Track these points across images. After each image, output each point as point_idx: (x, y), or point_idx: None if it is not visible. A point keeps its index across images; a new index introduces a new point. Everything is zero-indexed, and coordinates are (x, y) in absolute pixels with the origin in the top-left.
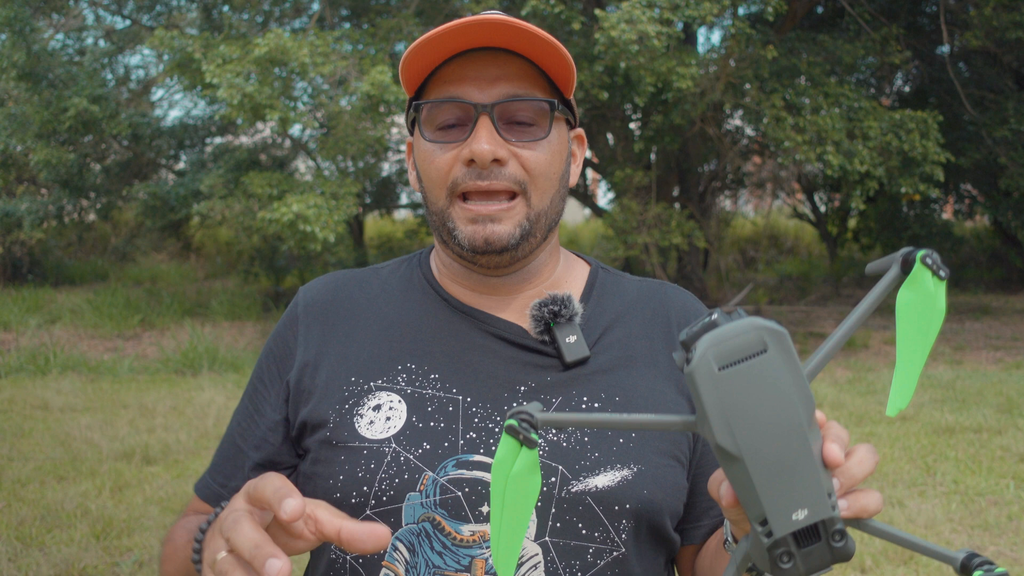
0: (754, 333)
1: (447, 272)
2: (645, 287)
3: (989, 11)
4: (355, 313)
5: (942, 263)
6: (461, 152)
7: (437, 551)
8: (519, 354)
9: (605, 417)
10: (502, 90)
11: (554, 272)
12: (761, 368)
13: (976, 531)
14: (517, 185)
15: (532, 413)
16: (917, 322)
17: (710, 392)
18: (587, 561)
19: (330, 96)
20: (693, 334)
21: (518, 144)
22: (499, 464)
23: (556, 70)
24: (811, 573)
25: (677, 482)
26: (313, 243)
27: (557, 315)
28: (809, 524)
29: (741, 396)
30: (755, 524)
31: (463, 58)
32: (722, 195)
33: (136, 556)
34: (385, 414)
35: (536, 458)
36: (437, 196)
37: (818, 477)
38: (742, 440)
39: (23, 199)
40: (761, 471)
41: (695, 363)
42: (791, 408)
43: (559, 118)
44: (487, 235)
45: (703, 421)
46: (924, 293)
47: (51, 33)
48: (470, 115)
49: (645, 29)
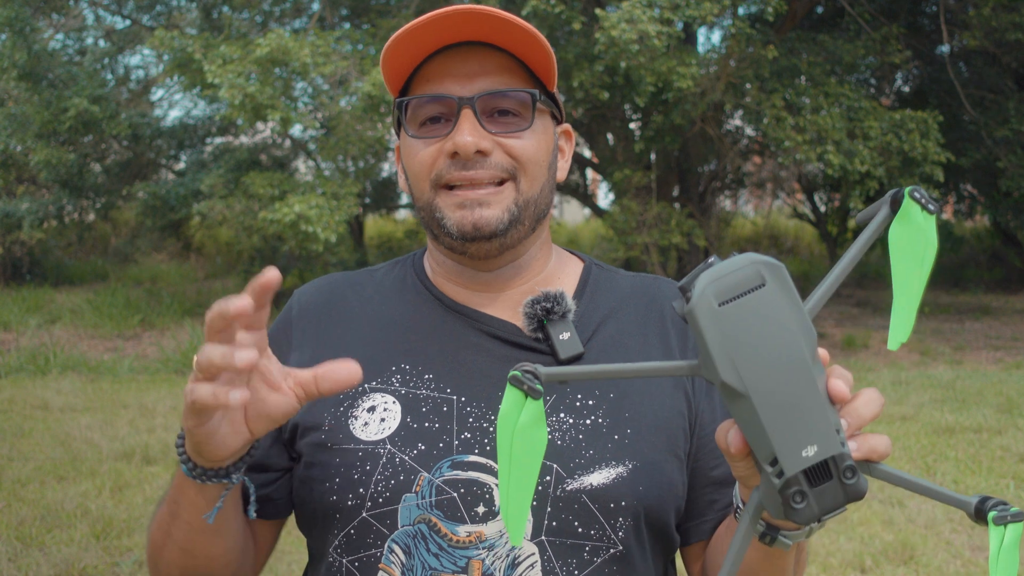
0: (751, 267)
1: (440, 271)
2: (639, 282)
3: (988, 11)
4: (349, 315)
5: (931, 198)
6: (444, 145)
7: (433, 553)
8: (513, 352)
9: (609, 368)
10: (483, 84)
11: (546, 267)
12: (761, 301)
13: (976, 531)
14: (505, 172)
15: (535, 367)
16: (910, 255)
17: (711, 328)
18: (584, 559)
19: (330, 96)
20: (691, 277)
21: (502, 135)
22: (504, 416)
23: (537, 62)
24: (825, 513)
25: (674, 478)
26: (315, 243)
27: (550, 312)
28: (820, 460)
29: (743, 330)
30: (765, 465)
31: (444, 55)
32: (722, 195)
33: (136, 556)
34: (380, 415)
35: (541, 409)
36: (422, 190)
37: (826, 412)
38: (747, 375)
39: (23, 199)
40: (768, 406)
41: (694, 300)
42: (794, 341)
43: (543, 111)
44: (475, 219)
45: (706, 360)
46: (915, 226)
47: (51, 33)
48: (453, 109)
49: (645, 29)
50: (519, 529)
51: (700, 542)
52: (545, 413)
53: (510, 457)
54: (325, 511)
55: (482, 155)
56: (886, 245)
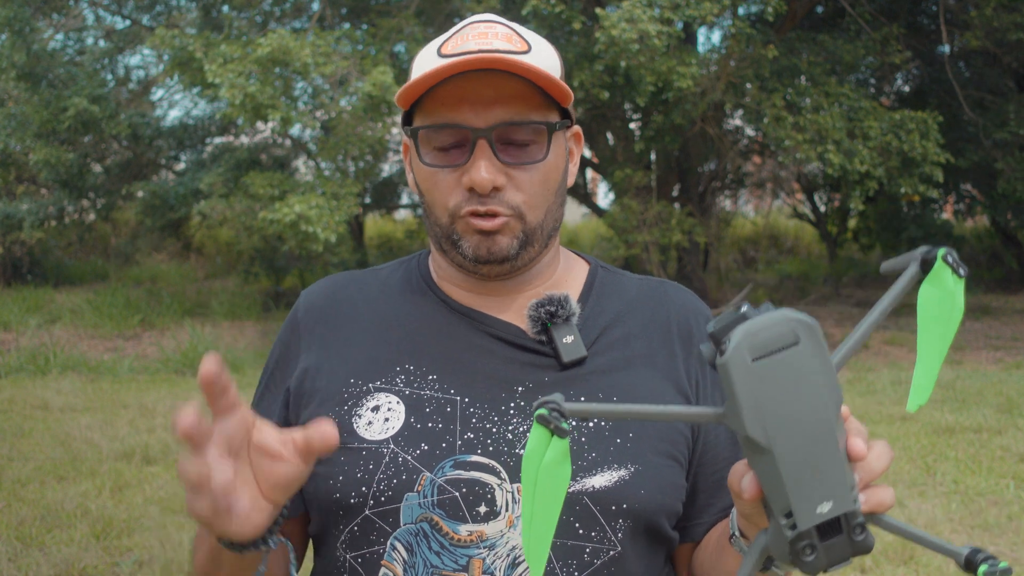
0: (787, 325)
1: (444, 274)
2: (645, 286)
3: (989, 11)
4: (354, 315)
5: (961, 262)
6: (462, 178)
7: (435, 551)
8: (517, 354)
9: (633, 408)
10: (499, 114)
11: (554, 274)
12: (793, 360)
13: (976, 531)
14: (512, 210)
15: (560, 403)
16: (938, 319)
17: (744, 383)
18: (584, 561)
19: (331, 96)
20: (724, 326)
21: (515, 167)
22: (530, 455)
23: (552, 89)
24: (832, 565)
25: (675, 482)
26: (315, 244)
27: (554, 315)
28: (833, 517)
29: (773, 388)
30: (779, 516)
31: (459, 78)
32: (722, 195)
33: (136, 556)
34: (384, 415)
35: (567, 447)
36: (440, 215)
37: (843, 470)
38: (772, 432)
39: (23, 200)
40: (790, 463)
41: (730, 354)
42: (821, 401)
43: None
44: (489, 245)
45: (733, 412)
46: (945, 290)
47: (51, 33)
48: (467, 139)
49: (645, 28)
50: (540, 562)
51: (691, 543)
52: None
53: (534, 494)
54: (329, 507)
55: (496, 190)
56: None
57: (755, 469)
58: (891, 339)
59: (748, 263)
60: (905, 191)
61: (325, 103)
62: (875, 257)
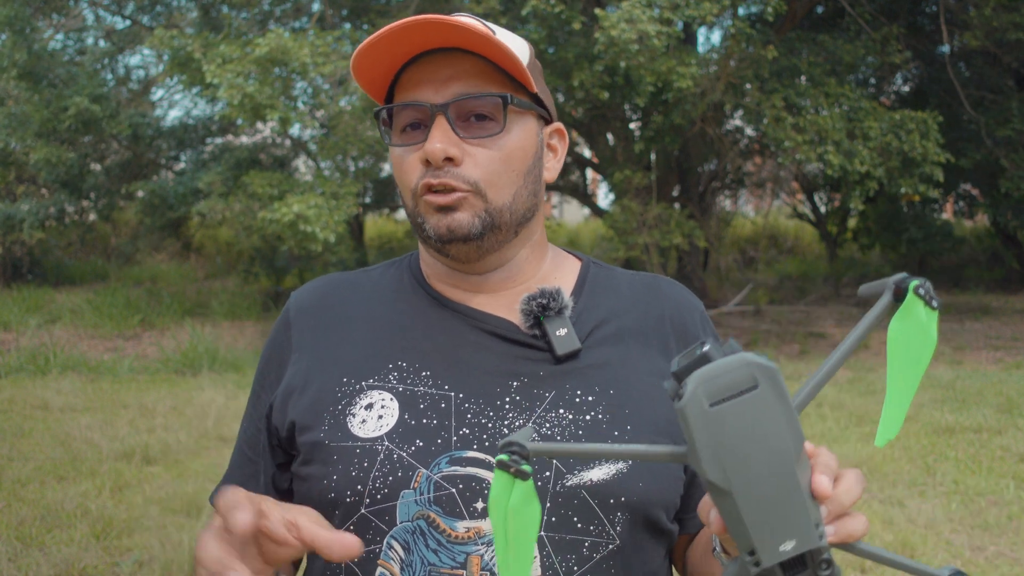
0: (745, 370)
1: (434, 271)
2: (638, 281)
3: (989, 11)
4: (346, 315)
5: (934, 293)
6: (419, 154)
7: (432, 549)
8: (510, 349)
9: (596, 447)
10: (455, 89)
11: (540, 269)
12: (751, 405)
13: (976, 531)
14: (469, 184)
15: (523, 444)
16: (908, 353)
17: (701, 428)
18: (583, 555)
19: (330, 96)
20: (684, 367)
21: (473, 141)
22: (495, 501)
23: (507, 64)
24: None
25: (673, 474)
26: (314, 243)
27: (546, 308)
28: (796, 555)
29: (731, 432)
30: (743, 553)
31: (421, 62)
32: (722, 195)
33: (136, 556)
34: (377, 412)
35: (532, 487)
36: (407, 198)
37: (806, 509)
38: (732, 475)
39: (23, 200)
40: (750, 505)
41: (686, 399)
42: (781, 444)
43: (522, 112)
44: (448, 223)
45: (693, 456)
46: (916, 323)
47: (51, 33)
48: (427, 116)
49: (645, 28)
50: None
51: (685, 536)
52: (543, 412)
53: (506, 538)
54: (324, 507)
55: (451, 163)
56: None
57: (718, 508)
58: None
59: (748, 263)
60: (905, 191)
61: (325, 103)
62: (875, 257)
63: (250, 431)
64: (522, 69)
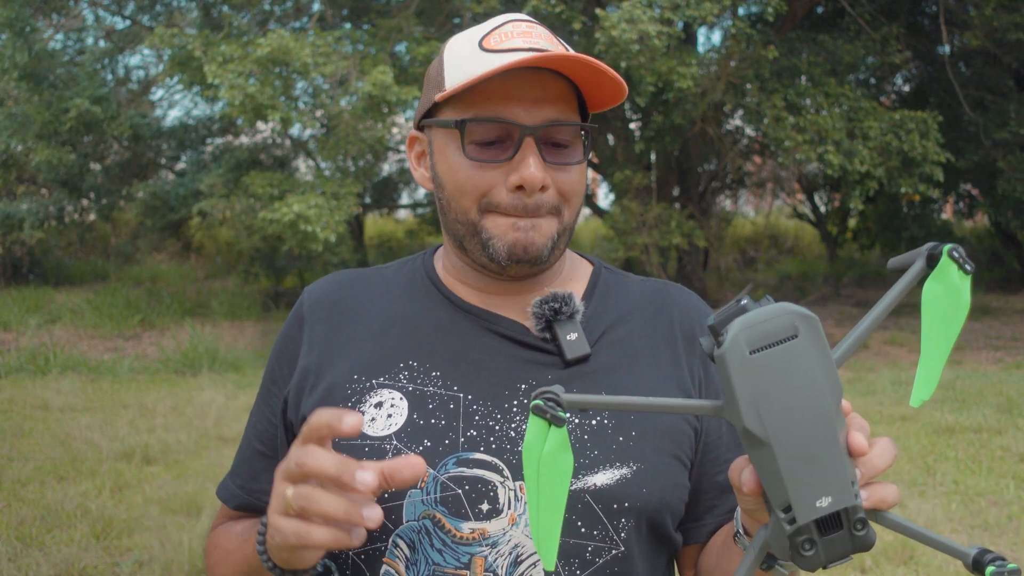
0: (786, 318)
1: (454, 272)
2: (649, 287)
3: (989, 11)
4: (358, 312)
5: (967, 258)
6: (509, 177)
7: (437, 548)
8: (520, 352)
9: (632, 400)
10: (546, 113)
11: (561, 273)
12: (792, 353)
13: (976, 531)
14: (553, 209)
15: (557, 392)
16: (943, 315)
17: (740, 375)
18: (586, 560)
19: (331, 96)
20: (724, 318)
21: (557, 168)
22: (529, 446)
23: (602, 88)
24: (831, 561)
25: (678, 481)
26: (314, 243)
27: (558, 312)
28: (832, 512)
29: (771, 381)
30: (778, 511)
31: (508, 75)
32: (722, 195)
33: (136, 556)
34: (387, 411)
35: (566, 436)
36: (467, 208)
37: (843, 464)
38: (770, 425)
39: (23, 200)
40: (788, 457)
41: (727, 346)
42: (820, 395)
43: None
44: (527, 243)
45: (731, 405)
46: (950, 286)
47: (51, 33)
48: (514, 136)
49: (646, 29)
50: (551, 553)
51: (696, 545)
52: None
53: (538, 485)
54: None
55: (542, 190)
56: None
57: (754, 462)
58: (891, 339)
59: (748, 263)
60: (905, 191)
61: (325, 103)
62: (875, 257)
63: (261, 426)
64: (619, 87)
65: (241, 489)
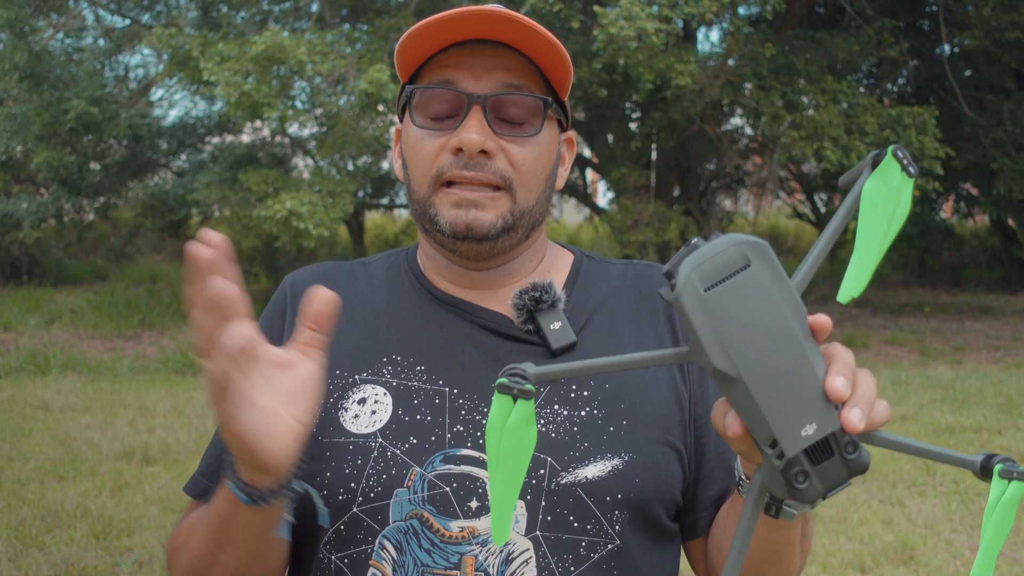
0: (734, 249)
1: (432, 265)
2: (631, 270)
3: (988, 11)
4: (341, 305)
5: (912, 160)
6: (450, 140)
7: (425, 549)
8: (505, 343)
9: (598, 362)
10: (497, 81)
11: (539, 265)
12: (747, 283)
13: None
14: (502, 180)
15: (524, 368)
16: (879, 213)
17: (699, 315)
18: (580, 555)
19: (329, 95)
20: (675, 262)
21: (507, 138)
22: (493, 424)
23: (553, 69)
24: (829, 490)
25: (671, 470)
26: (307, 239)
27: (539, 301)
28: (819, 439)
29: (731, 314)
30: (765, 448)
31: (460, 47)
32: (722, 195)
33: (136, 556)
34: (370, 407)
35: (532, 410)
36: (420, 184)
37: (821, 388)
38: (739, 359)
39: (21, 198)
40: (763, 389)
41: (679, 288)
42: (783, 319)
43: (551, 118)
44: (469, 220)
45: (696, 348)
46: (890, 185)
47: (51, 33)
48: (462, 104)
49: (644, 26)
50: (505, 528)
51: (703, 536)
52: (538, 407)
53: (498, 459)
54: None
55: (485, 156)
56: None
57: (732, 403)
58: (891, 339)
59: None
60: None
61: (323, 102)
62: None
63: None
64: (566, 75)
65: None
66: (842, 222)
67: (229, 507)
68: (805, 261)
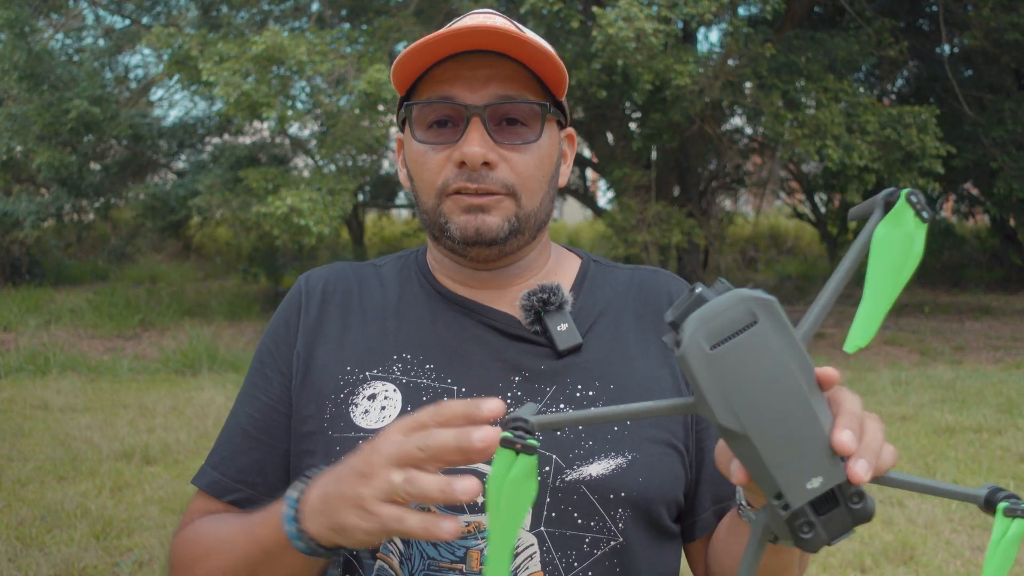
0: (742, 306)
1: (440, 267)
2: (637, 275)
3: (987, 11)
4: (352, 304)
5: (926, 204)
6: (452, 154)
7: (432, 542)
8: (513, 344)
9: (601, 412)
10: (494, 91)
11: (545, 266)
12: (753, 341)
13: (976, 531)
14: (506, 188)
15: (526, 418)
16: (891, 260)
17: (704, 373)
18: (583, 551)
19: (329, 95)
20: (681, 313)
21: (508, 147)
22: (494, 478)
23: (547, 72)
24: (834, 538)
25: (674, 470)
26: (307, 237)
27: (547, 303)
28: (825, 491)
29: (737, 372)
30: (770, 499)
31: (455, 59)
32: (722, 195)
33: (136, 556)
34: (380, 403)
35: (535, 463)
36: (428, 196)
37: (827, 442)
38: (744, 416)
39: (21, 198)
40: (769, 445)
41: (685, 345)
42: (790, 376)
43: (550, 119)
44: (478, 225)
45: (702, 403)
46: (903, 231)
47: (51, 33)
48: (461, 115)
49: (643, 27)
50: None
51: (703, 538)
52: (544, 408)
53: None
54: None
55: (488, 167)
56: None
57: (737, 456)
58: (891, 339)
59: (748, 263)
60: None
61: (323, 102)
62: None
63: (257, 414)
64: (561, 78)
65: (239, 482)
66: (851, 267)
67: (278, 547)
68: (813, 308)
